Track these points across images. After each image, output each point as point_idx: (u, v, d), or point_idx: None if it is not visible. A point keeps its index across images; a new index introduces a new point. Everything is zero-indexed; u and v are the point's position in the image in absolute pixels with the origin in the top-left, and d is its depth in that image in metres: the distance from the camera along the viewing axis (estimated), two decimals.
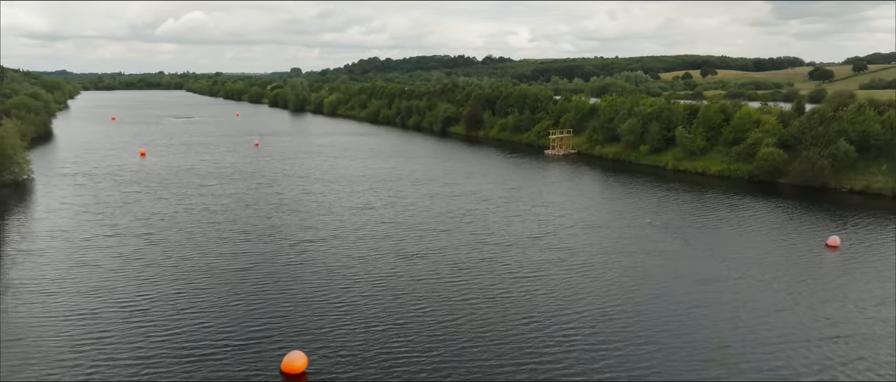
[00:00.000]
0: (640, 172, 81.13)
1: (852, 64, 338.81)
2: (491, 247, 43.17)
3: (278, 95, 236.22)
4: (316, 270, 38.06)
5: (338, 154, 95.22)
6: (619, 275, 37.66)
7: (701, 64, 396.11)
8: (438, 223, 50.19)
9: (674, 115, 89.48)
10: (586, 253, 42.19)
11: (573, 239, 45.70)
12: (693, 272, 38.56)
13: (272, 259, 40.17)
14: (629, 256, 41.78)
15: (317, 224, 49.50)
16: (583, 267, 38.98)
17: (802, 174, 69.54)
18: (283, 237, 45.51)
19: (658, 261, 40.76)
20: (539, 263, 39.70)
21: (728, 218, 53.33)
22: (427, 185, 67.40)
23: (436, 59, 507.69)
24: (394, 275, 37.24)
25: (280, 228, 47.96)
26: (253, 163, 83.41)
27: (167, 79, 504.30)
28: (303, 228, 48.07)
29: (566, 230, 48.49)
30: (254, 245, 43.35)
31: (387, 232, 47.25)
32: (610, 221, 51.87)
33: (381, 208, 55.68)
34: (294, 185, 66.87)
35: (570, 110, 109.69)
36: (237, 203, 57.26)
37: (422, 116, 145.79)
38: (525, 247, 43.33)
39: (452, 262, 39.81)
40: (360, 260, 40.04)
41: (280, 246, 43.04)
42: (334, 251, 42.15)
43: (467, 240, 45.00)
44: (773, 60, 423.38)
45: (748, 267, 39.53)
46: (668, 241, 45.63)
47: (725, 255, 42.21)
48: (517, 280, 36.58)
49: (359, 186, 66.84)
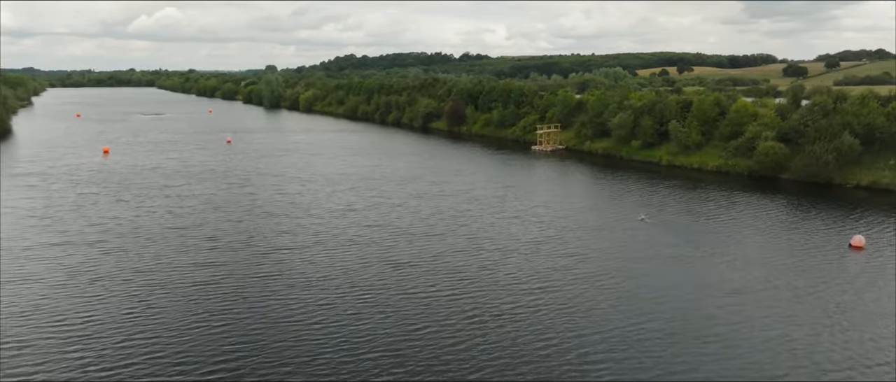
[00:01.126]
0: (634, 168, 77.40)
1: (824, 61, 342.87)
2: (490, 254, 38.73)
3: (253, 92, 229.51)
4: (292, 283, 33.31)
5: (315, 151, 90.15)
6: (637, 286, 33.46)
7: (677, 61, 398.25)
8: (429, 226, 45.66)
9: (666, 109, 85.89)
10: (596, 260, 37.97)
11: (579, 244, 41.48)
12: (717, 281, 34.51)
13: (242, 271, 35.32)
14: (644, 263, 37.64)
15: (293, 228, 44.69)
16: (596, 277, 34.71)
17: (806, 169, 66.18)
18: (255, 244, 40.64)
19: (677, 269, 36.68)
20: (547, 272, 35.36)
21: (738, 218, 49.56)
22: (413, 184, 62.81)
23: (413, 56, 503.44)
24: (383, 288, 32.65)
25: (252, 234, 43.09)
26: (224, 162, 78.08)
27: (138, 76, 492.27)
28: (278, 234, 43.23)
29: (570, 233, 44.26)
30: (221, 254, 38.42)
31: (372, 237, 42.61)
32: (613, 223, 47.79)
33: (365, 210, 50.99)
34: (268, 185, 61.86)
35: (557, 104, 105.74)
36: (205, 205, 52.16)
37: (402, 112, 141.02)
38: (529, 253, 38.97)
39: (449, 272, 35.31)
40: (343, 271, 35.36)
41: (251, 256, 38.18)
42: (313, 260, 37.41)
43: (463, 246, 40.53)
44: (747, 57, 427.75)
45: (773, 273, 35.61)
46: (679, 245, 41.63)
47: (746, 260, 38.27)
48: (526, 292, 32.19)
49: (339, 186, 62.04)
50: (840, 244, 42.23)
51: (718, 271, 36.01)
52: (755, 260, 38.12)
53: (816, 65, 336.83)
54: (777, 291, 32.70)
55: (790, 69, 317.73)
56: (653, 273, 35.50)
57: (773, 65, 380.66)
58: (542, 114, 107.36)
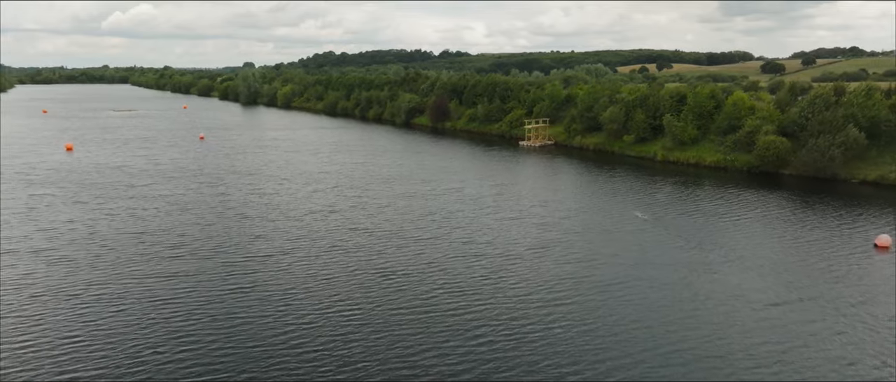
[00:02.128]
0: (628, 164, 74.13)
1: (800, 58, 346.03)
2: (491, 261, 34.85)
3: (229, 88, 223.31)
4: (266, 297, 29.19)
5: (294, 148, 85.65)
6: (663, 299, 29.78)
7: (656, 58, 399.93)
8: (420, 229, 41.67)
9: (660, 102, 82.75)
10: (609, 267, 34.28)
11: (587, 248, 37.77)
12: (748, 290, 30.99)
13: (208, 283, 31.08)
14: (663, 270, 34.01)
15: (269, 233, 40.45)
16: (611, 288, 31.01)
17: (811, 164, 63.25)
18: (224, 252, 36.36)
19: (702, 278, 33.10)
20: (557, 282, 31.56)
21: (748, 217, 46.25)
22: (400, 183, 58.73)
23: (392, 53, 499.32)
24: (371, 302, 28.66)
25: (222, 240, 38.78)
26: (197, 160, 73.34)
27: (111, 73, 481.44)
28: (251, 239, 38.97)
29: (575, 235, 40.55)
30: (185, 263, 34.10)
31: (357, 242, 38.52)
32: (619, 224, 44.18)
33: (349, 211, 46.84)
34: (242, 185, 57.41)
35: (545, 99, 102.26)
36: (171, 207, 47.65)
37: (383, 107, 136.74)
38: (533, 259, 35.15)
39: (446, 282, 31.38)
40: (325, 282, 31.27)
41: (220, 265, 33.93)
42: (292, 269, 33.27)
43: (460, 251, 36.58)
44: (724, 54, 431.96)
45: (803, 281, 32.23)
46: (694, 250, 38.13)
47: (770, 265, 34.85)
48: (536, 304, 28.38)
49: (320, 185, 57.80)
50: (863, 244, 39.06)
51: (745, 279, 32.51)
52: (780, 266, 34.71)
53: (793, 62, 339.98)
54: (815, 303, 29.17)
55: (768, 66, 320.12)
56: (676, 282, 31.88)
57: (750, 63, 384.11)
58: (530, 109, 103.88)
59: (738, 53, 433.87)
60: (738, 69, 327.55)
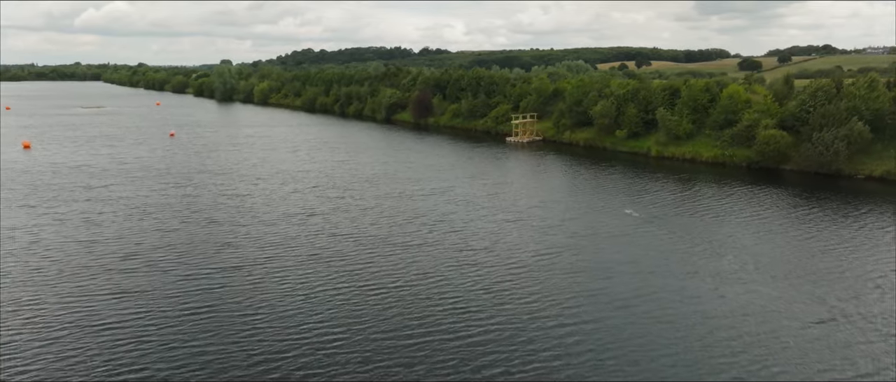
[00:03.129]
0: (621, 160, 70.89)
1: (776, 56, 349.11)
2: (492, 271, 31.00)
3: (204, 84, 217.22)
4: (235, 319, 25.15)
5: (270, 145, 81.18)
6: (694, 315, 26.21)
7: (635, 55, 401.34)
8: (410, 234, 37.72)
9: (651, 96, 79.59)
10: (626, 277, 30.67)
11: (598, 256, 34.14)
12: (786, 306, 27.53)
13: (166, 300, 26.96)
14: (686, 281, 30.49)
15: (240, 240, 36.30)
16: (634, 302, 27.40)
17: (815, 159, 60.32)
18: (188, 263, 32.18)
19: (735, 290, 29.62)
20: (571, 298, 27.83)
21: (759, 217, 43.01)
22: (385, 183, 54.70)
23: (372, 50, 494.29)
24: (357, 323, 24.74)
25: (186, 248, 34.57)
26: (165, 158, 68.64)
27: (83, 70, 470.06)
28: (220, 248, 34.79)
29: (583, 241, 36.90)
30: (141, 277, 29.88)
31: (340, 249, 34.49)
32: (628, 227, 40.62)
33: (330, 215, 42.74)
34: (213, 185, 53.03)
35: (532, 93, 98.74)
36: (132, 211, 43.22)
37: (363, 103, 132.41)
38: (539, 270, 31.38)
39: (444, 297, 27.51)
40: (303, 299, 27.28)
41: (182, 279, 29.77)
42: (265, 284, 29.22)
43: (458, 261, 32.69)
44: (701, 52, 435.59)
45: (842, 293, 28.88)
46: (711, 257, 34.70)
47: (799, 274, 31.47)
48: (553, 326, 24.63)
49: (298, 185, 53.63)
50: (891, 247, 35.88)
51: (778, 291, 29.05)
52: (812, 275, 31.35)
53: (769, 59, 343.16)
54: (868, 322, 25.69)
55: (745, 63, 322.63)
56: (702, 294, 28.34)
57: (727, 60, 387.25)
58: (516, 104, 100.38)
59: (715, 51, 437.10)
60: (716, 66, 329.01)
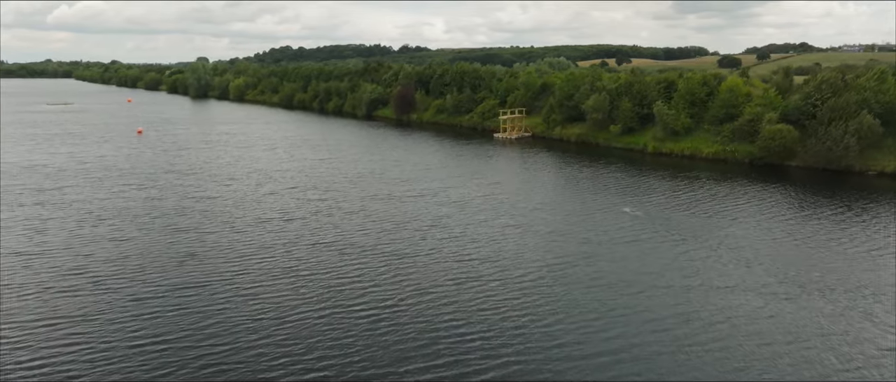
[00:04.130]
0: (617, 157, 67.47)
1: (754, 53, 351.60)
2: (499, 287, 26.87)
3: (178, 81, 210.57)
4: (194, 352, 20.83)
5: (246, 143, 76.43)
6: (749, 342, 22.44)
7: (615, 52, 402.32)
8: (401, 242, 33.52)
9: (647, 89, 76.14)
10: (653, 291, 26.83)
11: (614, 265, 30.27)
12: (844, 329, 23.85)
13: (116, 328, 22.56)
14: (729, 296, 26.70)
15: (207, 250, 31.89)
16: (668, 320, 23.56)
17: (823, 154, 57.23)
18: (144, 279, 27.74)
19: (783, 309, 25.92)
20: (595, 321, 23.91)
21: (775, 216, 39.58)
22: (370, 183, 50.41)
23: (351, 48, 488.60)
24: (348, 353, 20.56)
25: (144, 261, 30.10)
26: (130, 157, 63.65)
27: (54, 67, 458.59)
28: (182, 260, 30.36)
29: (599, 248, 33.03)
30: (87, 298, 25.40)
31: (323, 261, 30.23)
32: (643, 234, 36.84)
33: (310, 219, 38.39)
34: (180, 186, 48.39)
35: (520, 88, 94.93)
36: (85, 216, 38.51)
37: (343, 99, 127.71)
38: (561, 286, 27.33)
39: (447, 320, 23.41)
40: (279, 324, 22.99)
41: (136, 299, 25.36)
42: (233, 305, 24.90)
43: (457, 274, 28.53)
44: (681, 49, 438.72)
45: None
46: (741, 266, 31.02)
47: (845, 287, 27.88)
48: (572, 352, 20.66)
49: (275, 185, 49.19)
50: None
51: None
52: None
53: (748, 56, 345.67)
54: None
55: (724, 61, 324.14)
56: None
57: (707, 58, 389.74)
58: (503, 99, 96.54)
59: (694, 48, 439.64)
60: (696, 63, 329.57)
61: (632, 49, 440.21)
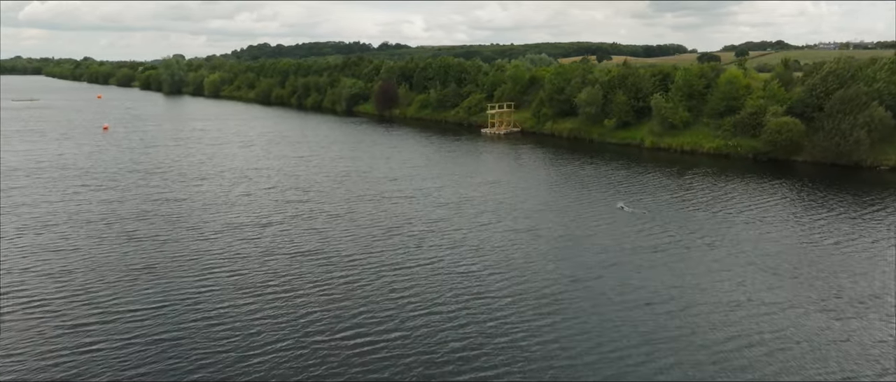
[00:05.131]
0: (612, 152, 64.26)
1: (732, 51, 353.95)
2: (521, 308, 22.99)
3: (151, 77, 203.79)
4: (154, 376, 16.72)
5: (220, 140, 71.77)
6: None
7: (595, 50, 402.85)
8: (395, 251, 29.41)
9: (642, 82, 72.82)
10: (696, 310, 23.14)
11: (639, 275, 26.56)
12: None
13: (46, 365, 18.33)
14: (784, 316, 23.09)
15: (169, 262, 27.62)
16: (713, 349, 19.86)
17: (832, 149, 54.22)
18: (92, 298, 23.44)
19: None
20: (637, 351, 20.15)
21: (782, 214, 36.29)
22: (356, 182, 46.22)
23: (331, 45, 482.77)
24: None
25: (93, 274, 25.78)
26: (92, 155, 58.80)
27: (24, 64, 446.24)
28: (138, 275, 26.07)
29: (622, 257, 29.29)
30: (18, 325, 21.09)
31: (305, 274, 26.11)
32: (665, 242, 33.22)
33: (290, 224, 34.18)
34: (145, 187, 43.89)
35: (507, 81, 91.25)
36: (31, 222, 33.96)
37: (322, 95, 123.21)
38: (574, 301, 23.55)
39: (454, 349, 19.47)
40: (256, 355, 18.91)
41: (77, 328, 21.09)
42: (198, 331, 20.75)
43: (468, 289, 24.47)
44: (660, 47, 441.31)
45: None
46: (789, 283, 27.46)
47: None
48: None
49: (250, 186, 44.88)
50: None
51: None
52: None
53: (726, 54, 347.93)
54: None
55: (703, 58, 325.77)
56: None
57: (685, 55, 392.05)
58: (490, 93, 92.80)
59: (673, 46, 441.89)
60: (675, 61, 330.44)
61: (611, 46, 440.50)
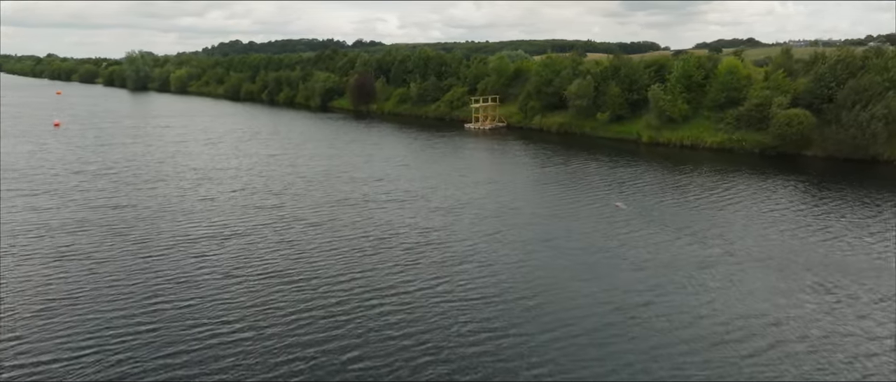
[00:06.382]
0: (606, 148, 60.21)
1: (705, 48, 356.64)
2: (558, 354, 18.25)
3: (115, 73, 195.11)
4: None
5: (184, 137, 65.90)
6: None
7: (569, 47, 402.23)
8: (393, 271, 24.33)
9: (636, 73, 68.67)
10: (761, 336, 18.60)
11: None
12: None
13: None
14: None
15: (102, 288, 22.34)
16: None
17: (848, 142, 50.54)
18: (6, 336, 18.17)
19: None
20: None
21: (795, 213, 32.15)
22: (335, 183, 41.03)
23: (304, 42, 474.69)
24: None
25: (8, 303, 20.40)
26: (35, 155, 52.71)
27: None
28: (58, 308, 20.76)
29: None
30: None
31: (279, 302, 21.03)
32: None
33: (260, 234, 28.93)
34: (90, 191, 38.24)
35: (490, 74, 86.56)
36: None
37: (295, 90, 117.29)
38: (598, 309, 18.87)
39: None
40: None
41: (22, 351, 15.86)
42: (149, 377, 15.62)
43: (487, 326, 19.63)
44: (634, 44, 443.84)
45: None
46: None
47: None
48: None
49: (215, 187, 39.49)
50: None
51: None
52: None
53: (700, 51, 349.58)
54: None
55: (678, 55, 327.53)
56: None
57: (660, 52, 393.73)
58: (472, 87, 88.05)
59: (646, 43, 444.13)
60: (651, 58, 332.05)
61: (586, 44, 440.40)
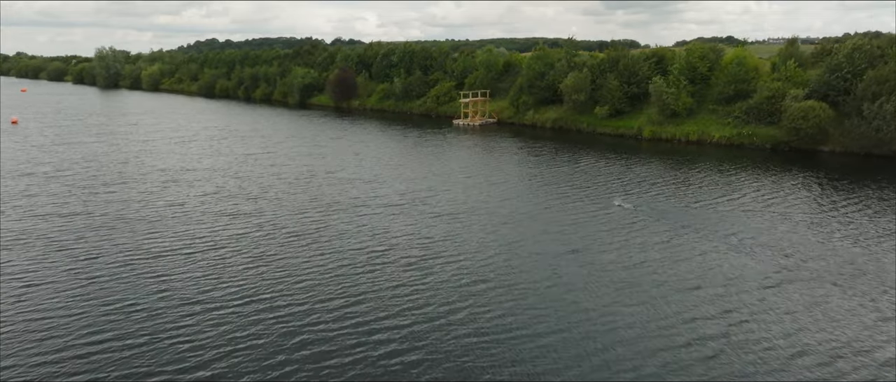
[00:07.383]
0: (605, 144, 56.84)
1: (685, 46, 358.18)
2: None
3: (84, 70, 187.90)
4: None
5: (152, 136, 60.89)
6: None
7: (551, 45, 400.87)
8: (397, 293, 20.16)
9: (635, 65, 65.11)
10: None
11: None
12: None
13: None
14: None
15: (51, 318, 17.85)
16: None
17: (870, 136, 47.45)
18: None
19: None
20: None
21: (812, 211, 28.52)
22: (321, 186, 36.63)
23: (282, 40, 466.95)
24: None
25: None
26: None
27: None
28: (20, 319, 16.31)
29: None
30: None
31: (261, 342, 16.70)
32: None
33: (238, 246, 24.53)
34: (40, 195, 33.46)
35: (479, 68, 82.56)
36: None
37: (272, 86, 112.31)
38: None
39: None
40: None
41: None
42: None
43: (521, 370, 15.66)
44: (614, 42, 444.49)
45: None
46: None
47: None
48: None
49: (183, 191, 34.87)
50: None
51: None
52: None
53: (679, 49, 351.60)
54: None
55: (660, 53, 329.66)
56: None
57: (641, 50, 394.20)
58: (460, 81, 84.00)
59: (627, 41, 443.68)
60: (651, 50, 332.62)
61: (567, 42, 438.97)
